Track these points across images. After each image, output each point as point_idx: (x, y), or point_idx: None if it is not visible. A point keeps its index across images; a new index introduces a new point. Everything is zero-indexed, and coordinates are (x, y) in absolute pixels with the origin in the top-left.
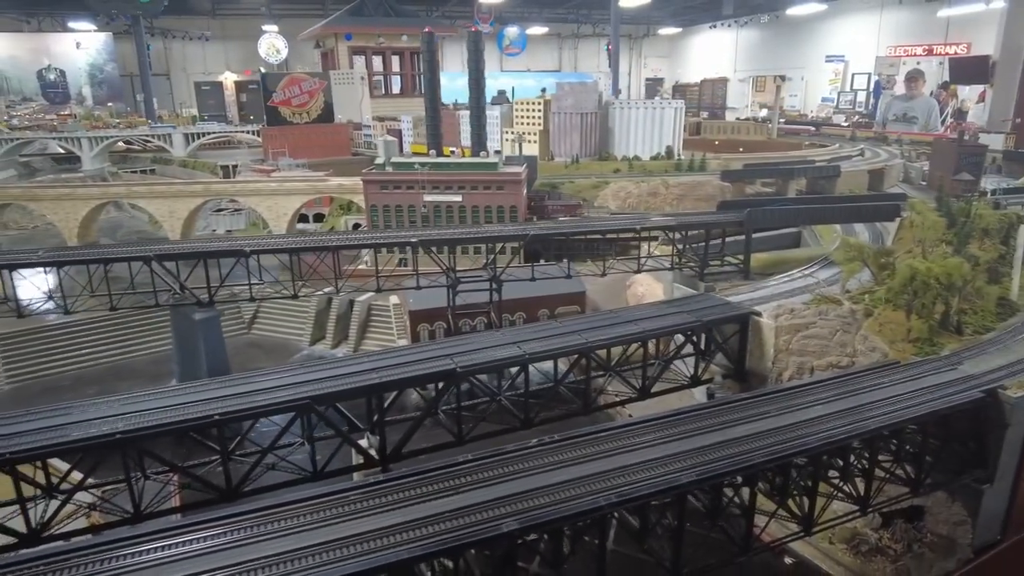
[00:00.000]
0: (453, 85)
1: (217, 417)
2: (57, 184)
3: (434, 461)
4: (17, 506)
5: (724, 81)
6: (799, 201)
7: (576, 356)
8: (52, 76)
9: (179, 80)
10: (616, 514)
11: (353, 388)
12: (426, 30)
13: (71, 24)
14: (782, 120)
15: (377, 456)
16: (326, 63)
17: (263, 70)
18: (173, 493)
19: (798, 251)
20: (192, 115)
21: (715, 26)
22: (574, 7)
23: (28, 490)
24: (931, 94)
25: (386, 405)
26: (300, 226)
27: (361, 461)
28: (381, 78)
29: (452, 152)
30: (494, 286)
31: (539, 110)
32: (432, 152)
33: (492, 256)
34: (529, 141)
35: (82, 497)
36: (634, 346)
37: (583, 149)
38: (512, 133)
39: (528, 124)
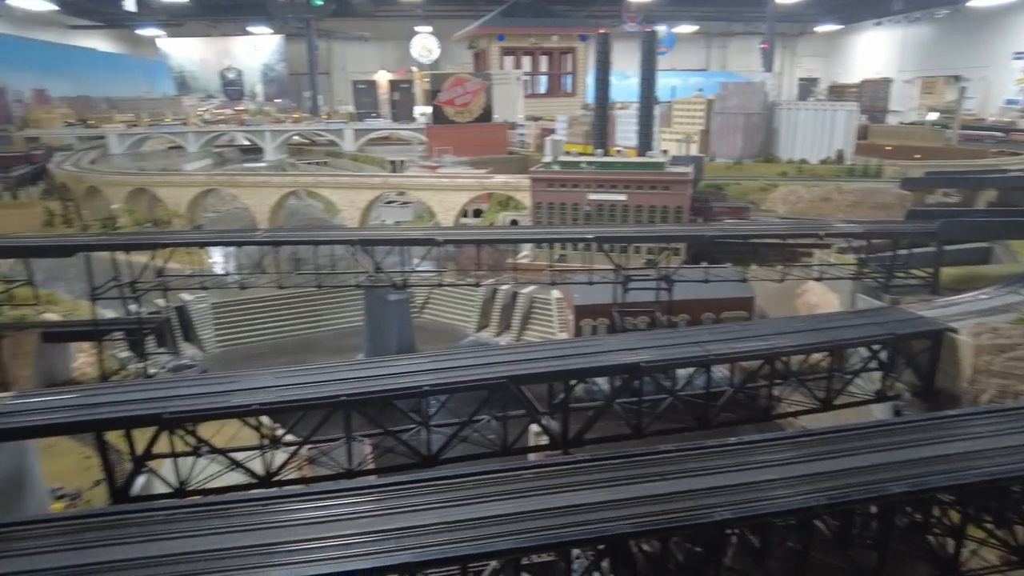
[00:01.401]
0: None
1: (427, 388)
2: (255, 172)
3: (623, 449)
4: (243, 453)
5: (887, 82)
6: (996, 214)
7: (760, 361)
8: (232, 75)
9: (338, 79)
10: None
11: (544, 372)
12: (600, 31)
13: (250, 28)
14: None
15: (560, 439)
16: (478, 64)
17: (414, 69)
18: (371, 455)
19: (991, 267)
20: (349, 112)
21: (880, 23)
22: (725, 5)
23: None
24: None
25: (567, 393)
26: (462, 221)
27: (541, 443)
28: (528, 78)
29: (618, 151)
30: (663, 285)
31: (700, 110)
32: (598, 151)
33: (663, 255)
34: (688, 141)
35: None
36: (812, 356)
37: (745, 150)
38: (671, 133)
39: (688, 124)
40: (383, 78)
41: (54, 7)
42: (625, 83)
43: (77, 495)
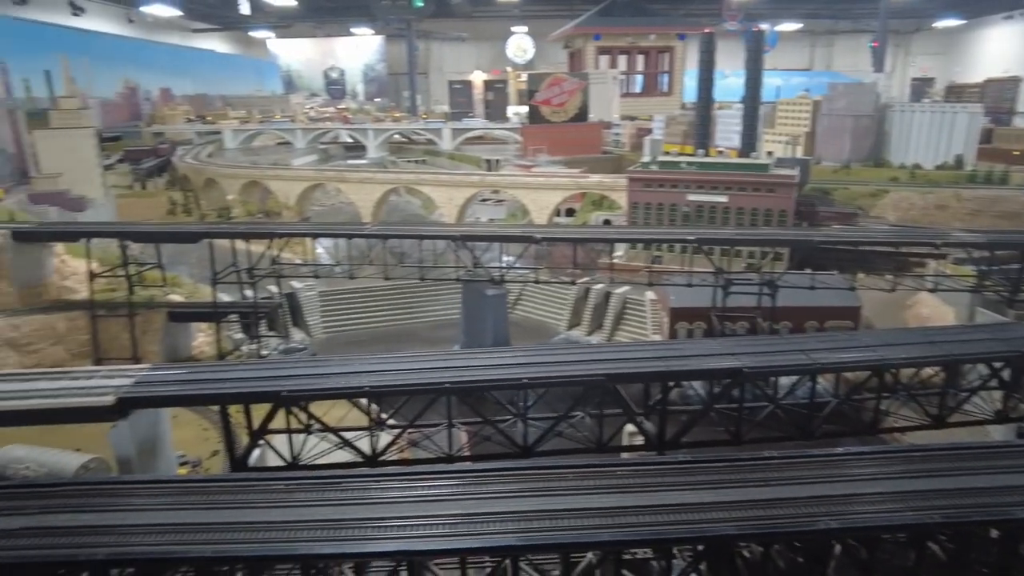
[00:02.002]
0: (693, 84)
1: (526, 381)
2: (360, 169)
3: (719, 453)
4: (351, 433)
5: (1016, 82)
6: None
7: (868, 373)
8: (334, 75)
9: (435, 79)
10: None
11: (643, 372)
12: (705, 30)
13: (353, 29)
14: None
15: (655, 440)
16: (572, 63)
17: (509, 69)
18: (468, 442)
19: None
20: (444, 111)
21: (1012, 16)
22: (833, 1)
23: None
24: None
25: (664, 394)
26: (555, 220)
27: (635, 443)
28: (624, 77)
29: (720, 152)
30: (766, 290)
31: (806, 111)
32: (699, 152)
33: (767, 260)
34: (794, 143)
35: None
36: (924, 371)
37: (854, 154)
38: (773, 134)
39: (791, 125)
40: (478, 78)
41: (179, 13)
42: (723, 83)
43: (198, 463)
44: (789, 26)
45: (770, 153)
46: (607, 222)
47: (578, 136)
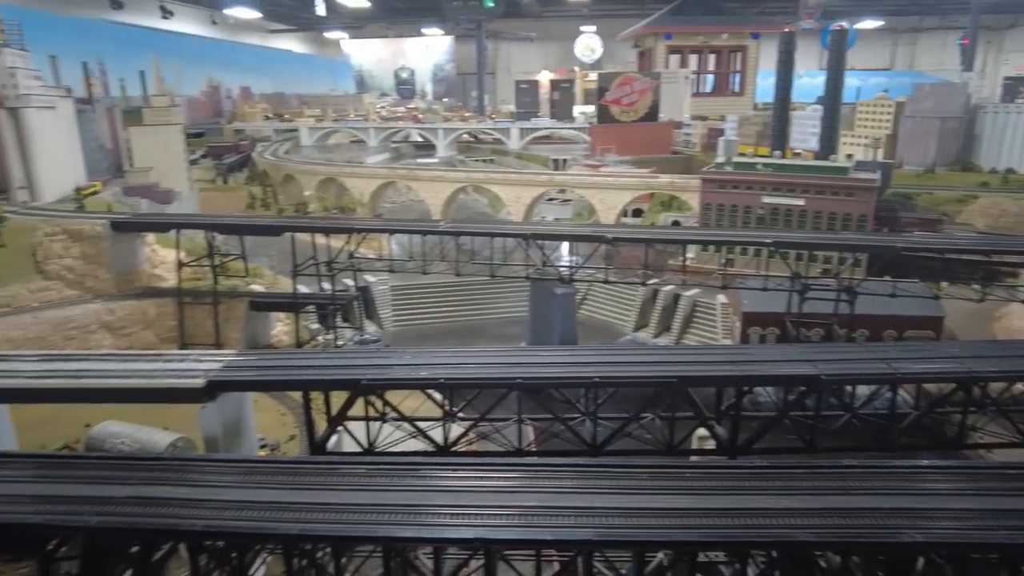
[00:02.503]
0: (764, 84)
1: (597, 380)
2: (431, 168)
3: (791, 459)
4: (424, 423)
5: None
6: None
7: (952, 386)
8: (404, 75)
9: (502, 78)
10: None
11: (717, 375)
12: (784, 29)
13: (423, 30)
14: None
15: (727, 445)
16: (642, 63)
17: (576, 69)
18: (536, 438)
19: None
20: (510, 111)
21: None
22: None
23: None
24: None
25: (738, 398)
26: (622, 220)
27: (706, 447)
28: (694, 77)
29: (797, 154)
30: (844, 297)
31: (888, 112)
32: (775, 153)
33: (846, 265)
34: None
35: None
36: (1016, 385)
37: (939, 157)
38: (852, 136)
39: (872, 127)
40: (545, 78)
41: (258, 14)
42: (796, 83)
43: (276, 445)
44: (869, 23)
45: (849, 156)
46: (676, 223)
47: (647, 136)
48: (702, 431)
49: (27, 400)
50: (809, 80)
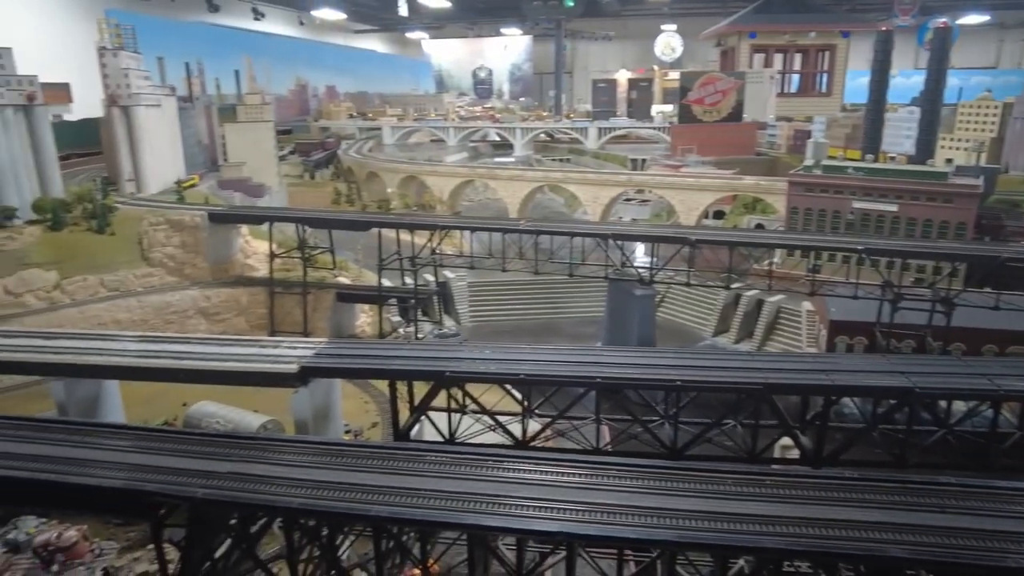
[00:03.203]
0: (852, 84)
1: (679, 383)
2: (510, 167)
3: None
4: (504, 417)
5: None
6: None
7: None
8: (482, 75)
9: (579, 77)
10: None
11: (804, 384)
12: (882, 28)
13: (503, 30)
14: None
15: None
16: (724, 62)
17: (655, 68)
18: (613, 439)
19: None
20: (587, 110)
21: None
22: None
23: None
24: None
25: (826, 408)
26: (703, 222)
27: (789, 456)
28: (779, 77)
29: (892, 158)
30: (940, 308)
31: (993, 114)
32: (868, 157)
33: (943, 275)
34: (979, 150)
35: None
36: None
37: None
38: (951, 139)
39: (974, 130)
40: (623, 77)
41: (343, 15)
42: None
43: (360, 431)
44: (973, 19)
45: (949, 160)
46: (760, 226)
47: (731, 136)
48: (785, 440)
49: (134, 377)
50: (903, 80)
